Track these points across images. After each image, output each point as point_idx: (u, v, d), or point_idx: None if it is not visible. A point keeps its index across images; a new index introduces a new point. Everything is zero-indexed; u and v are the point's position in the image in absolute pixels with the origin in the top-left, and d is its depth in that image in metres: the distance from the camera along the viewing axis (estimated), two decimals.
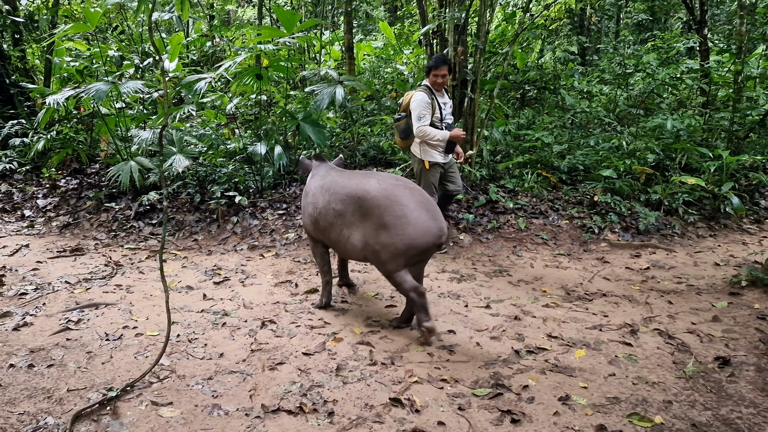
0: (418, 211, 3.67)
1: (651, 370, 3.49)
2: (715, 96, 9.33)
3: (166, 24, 12.28)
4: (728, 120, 8.09)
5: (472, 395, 3.15)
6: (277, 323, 4.08)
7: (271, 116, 7.70)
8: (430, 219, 3.68)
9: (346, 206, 3.85)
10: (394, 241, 3.65)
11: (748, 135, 8.33)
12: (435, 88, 5.27)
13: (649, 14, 15.99)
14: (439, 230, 3.69)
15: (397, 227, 3.64)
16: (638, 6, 15.15)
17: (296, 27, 6.70)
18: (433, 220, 3.69)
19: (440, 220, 3.73)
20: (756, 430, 2.87)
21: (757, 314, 4.31)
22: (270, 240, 6.00)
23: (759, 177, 7.25)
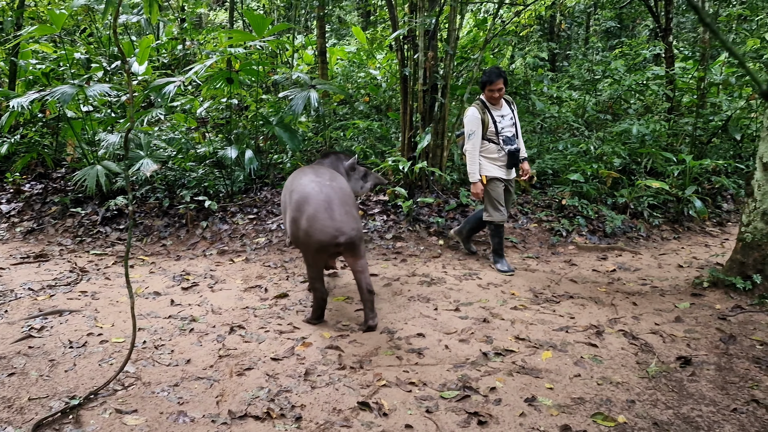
0: (320, 210, 3.84)
1: (615, 370, 3.55)
2: (679, 102, 9.55)
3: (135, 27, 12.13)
4: (692, 125, 8.29)
5: (440, 398, 3.17)
6: (246, 328, 4.06)
7: (243, 120, 7.66)
8: (328, 218, 3.82)
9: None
10: (299, 236, 3.91)
11: (711, 140, 8.54)
12: (491, 102, 5.21)
13: (617, 22, 16.31)
14: (336, 230, 3.81)
15: (300, 222, 3.90)
16: (606, 14, 15.44)
17: (267, 31, 6.69)
18: (331, 220, 3.82)
19: (339, 221, 3.84)
20: (715, 427, 2.95)
21: (718, 315, 4.42)
22: (240, 245, 5.96)
23: (721, 181, 7.44)
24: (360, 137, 8.76)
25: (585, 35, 17.49)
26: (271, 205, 6.65)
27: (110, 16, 7.09)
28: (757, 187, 4.73)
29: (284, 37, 12.28)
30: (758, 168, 4.74)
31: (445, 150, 6.94)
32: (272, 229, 6.19)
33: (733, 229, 7.12)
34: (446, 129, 6.88)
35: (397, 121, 8.81)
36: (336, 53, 12.41)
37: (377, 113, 10.39)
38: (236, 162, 6.80)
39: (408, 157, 6.91)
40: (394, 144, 8.32)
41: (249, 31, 7.52)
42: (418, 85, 6.71)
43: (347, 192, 4.08)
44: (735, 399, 3.22)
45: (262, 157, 7.47)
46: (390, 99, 10.24)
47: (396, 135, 8.65)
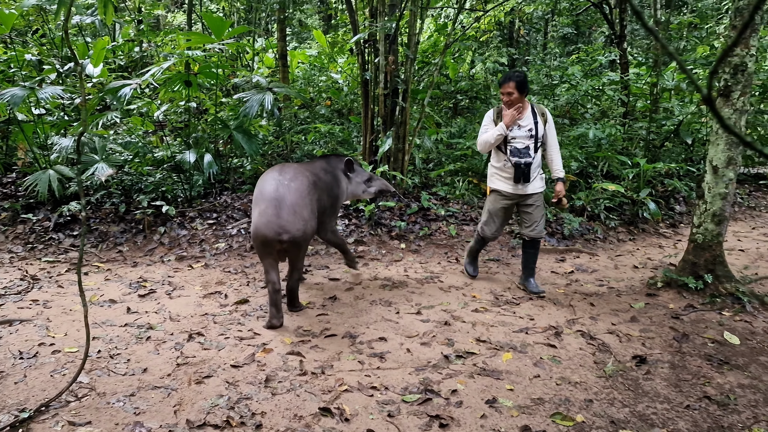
0: (269, 205, 4.02)
1: (573, 370, 3.61)
2: (634, 106, 9.81)
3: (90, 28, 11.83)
4: (646, 129, 8.52)
5: (401, 402, 3.17)
6: (205, 335, 3.99)
7: (202, 124, 7.55)
8: (273, 214, 3.99)
9: None
10: (251, 228, 4.16)
11: (664, 144, 8.80)
12: (507, 107, 4.74)
13: (574, 28, 16.68)
14: (280, 228, 3.97)
15: (252, 216, 4.15)
16: (563, 20, 15.75)
17: (226, 33, 6.61)
18: (277, 218, 3.98)
19: (284, 218, 3.98)
20: (670, 424, 3.02)
21: (672, 314, 4.54)
22: (199, 250, 5.86)
23: (674, 183, 7.66)
24: (321, 141, 8.73)
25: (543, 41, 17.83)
26: (231, 210, 6.56)
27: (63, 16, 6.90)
28: (707, 189, 4.89)
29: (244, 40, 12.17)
30: (708, 171, 4.90)
31: (406, 154, 6.97)
32: (232, 234, 6.10)
33: (685, 231, 7.35)
34: (407, 133, 6.91)
35: (358, 125, 8.82)
36: (297, 57, 12.35)
37: (339, 117, 10.38)
38: (195, 166, 6.69)
39: (369, 161, 6.92)
40: (356, 148, 8.32)
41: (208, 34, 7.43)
42: (379, 89, 6.72)
43: (303, 193, 4.16)
44: (688, 396, 3.31)
45: (221, 162, 7.37)
46: (352, 103, 10.24)
47: (358, 139, 8.65)
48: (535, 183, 4.83)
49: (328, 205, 4.60)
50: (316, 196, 4.34)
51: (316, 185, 4.40)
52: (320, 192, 4.45)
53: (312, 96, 10.65)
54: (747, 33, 4.63)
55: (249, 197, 6.88)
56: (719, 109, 4.80)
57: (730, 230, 7.47)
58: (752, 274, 5.62)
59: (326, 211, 4.61)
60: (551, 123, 4.83)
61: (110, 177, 6.34)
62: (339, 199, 4.84)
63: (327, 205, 4.59)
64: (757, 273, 5.67)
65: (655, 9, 10.12)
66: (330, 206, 4.66)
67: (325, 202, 4.53)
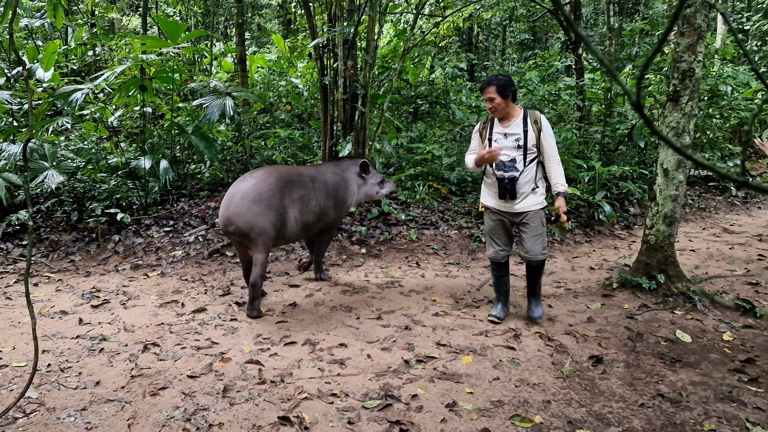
0: (225, 200, 4.39)
1: (532, 372, 3.65)
2: (589, 111, 10.03)
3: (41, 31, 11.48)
4: (600, 133, 8.72)
5: (362, 408, 3.15)
6: (161, 346, 3.90)
7: (158, 129, 7.40)
8: (225, 208, 4.35)
9: None
10: None
11: (618, 147, 9.01)
12: (492, 113, 4.27)
13: (531, 34, 16.98)
14: (226, 219, 4.32)
15: None
16: (521, 26, 16.03)
17: (182, 37, 6.50)
18: (226, 210, 4.33)
19: (233, 212, 4.28)
20: (625, 423, 3.08)
21: (627, 314, 4.65)
22: (155, 258, 5.73)
23: (627, 186, 7.85)
24: (281, 146, 8.66)
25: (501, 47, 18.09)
26: (188, 217, 6.43)
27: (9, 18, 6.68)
28: (658, 191, 5.02)
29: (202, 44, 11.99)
30: (659, 174, 5.03)
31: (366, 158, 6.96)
32: (190, 241, 5.99)
33: (639, 232, 7.53)
34: (367, 138, 6.91)
35: (319, 130, 8.77)
36: (256, 61, 12.24)
37: (299, 122, 10.32)
38: (151, 173, 6.55)
39: None
40: (316, 153, 8.28)
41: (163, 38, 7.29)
42: (338, 94, 6.71)
43: (260, 191, 4.35)
44: (642, 394, 3.38)
45: (179, 168, 7.23)
46: (312, 108, 10.19)
47: (318, 144, 8.61)
48: (527, 200, 4.25)
49: (330, 205, 4.88)
50: (296, 195, 4.55)
51: (296, 185, 4.58)
52: (311, 192, 4.69)
53: (272, 101, 10.56)
54: (694, 40, 4.78)
55: (207, 204, 6.77)
56: (669, 112, 4.94)
57: (681, 231, 7.69)
58: (703, 273, 5.80)
59: (328, 212, 4.88)
60: (547, 131, 4.17)
61: (61, 184, 6.15)
62: (346, 200, 5.11)
63: (329, 205, 4.86)
64: (707, 272, 5.85)
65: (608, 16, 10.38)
66: (334, 207, 4.94)
67: (324, 203, 4.79)
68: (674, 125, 4.88)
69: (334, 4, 6.50)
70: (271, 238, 4.39)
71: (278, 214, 4.41)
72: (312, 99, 10.13)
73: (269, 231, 4.35)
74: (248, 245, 4.44)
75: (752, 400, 3.31)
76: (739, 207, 9.51)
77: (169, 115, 7.27)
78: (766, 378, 3.59)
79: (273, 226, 4.37)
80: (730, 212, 9.19)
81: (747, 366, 3.76)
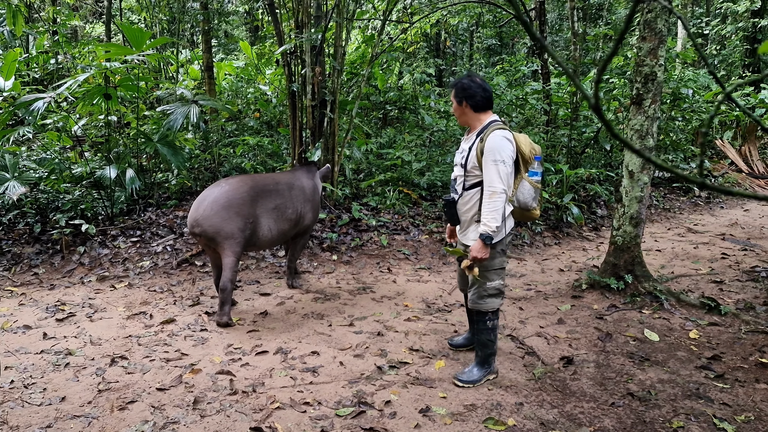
0: (196, 202, 4.45)
1: (504, 374, 3.67)
2: (556, 115, 10.18)
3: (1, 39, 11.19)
4: (567, 137, 8.85)
5: (335, 416, 3.13)
6: (129, 359, 3.81)
7: (123, 138, 7.26)
8: (193, 210, 4.41)
9: None
10: None
11: (585, 150, 9.17)
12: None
13: (497, 40, 17.18)
14: (193, 221, 4.38)
15: None
16: (487, 32, 16.21)
17: (147, 44, 6.40)
18: (194, 212, 4.39)
19: (199, 215, 4.34)
20: (596, 422, 3.12)
21: (596, 314, 4.71)
22: (122, 269, 5.61)
23: (594, 188, 7.98)
24: (250, 154, 8.58)
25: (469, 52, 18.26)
26: (156, 227, 6.33)
27: None
28: (624, 193, 5.11)
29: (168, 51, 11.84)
30: (625, 176, 5.13)
31: (336, 165, 6.95)
32: (158, 251, 5.88)
33: (607, 233, 7.66)
34: (336, 144, 6.89)
35: (288, 136, 8.72)
36: (224, 68, 12.13)
37: (268, 129, 10.24)
38: (117, 182, 6.43)
39: None
40: (286, 160, 8.22)
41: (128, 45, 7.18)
42: (306, 101, 6.68)
43: (231, 197, 4.41)
44: (612, 394, 3.43)
45: (145, 177, 7.11)
46: (281, 114, 10.12)
47: (288, 151, 8.56)
48: (469, 232, 3.47)
49: (307, 209, 5.04)
50: (271, 205, 4.64)
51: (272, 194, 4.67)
52: (288, 201, 4.81)
53: (240, 108, 10.46)
54: (655, 44, 4.89)
55: (175, 213, 6.67)
56: (633, 115, 5.04)
57: (647, 231, 7.84)
58: (669, 273, 5.91)
59: (306, 215, 5.03)
60: (490, 154, 3.22)
61: (23, 195, 5.99)
62: (319, 205, 5.35)
63: (306, 209, 5.01)
64: (673, 272, 5.97)
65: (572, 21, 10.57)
66: (311, 210, 5.11)
67: (301, 209, 4.94)
68: (638, 128, 4.98)
69: (301, 11, 6.48)
70: (238, 244, 4.37)
71: (248, 222, 4.42)
72: (281, 106, 10.07)
73: (236, 236, 4.37)
74: (216, 249, 4.47)
75: (719, 396, 3.38)
76: (703, 207, 9.75)
77: (134, 124, 7.14)
78: (731, 374, 3.68)
79: (241, 232, 4.39)
80: (693, 212, 9.40)
81: (713, 363, 3.84)
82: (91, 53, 9.74)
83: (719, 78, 0.74)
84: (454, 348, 4.05)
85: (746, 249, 6.98)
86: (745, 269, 6.06)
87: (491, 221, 3.20)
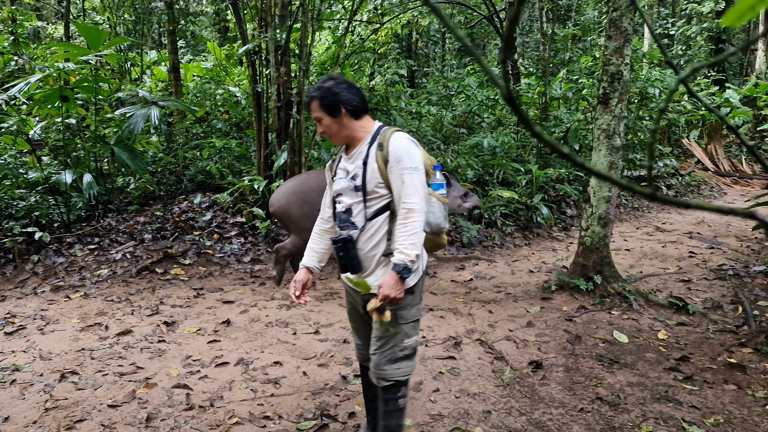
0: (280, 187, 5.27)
1: (472, 381, 3.58)
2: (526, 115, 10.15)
3: None
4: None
5: (296, 430, 3.00)
6: (80, 374, 3.63)
7: (81, 141, 7.02)
8: (274, 194, 5.19)
9: None
10: None
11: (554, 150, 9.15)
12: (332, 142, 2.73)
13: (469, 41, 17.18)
14: (271, 202, 5.17)
15: None
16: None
17: (104, 44, 6.19)
18: (273, 195, 5.18)
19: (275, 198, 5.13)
20: (564, 429, 3.04)
21: (565, 316, 4.65)
22: (78, 278, 5.39)
23: (564, 188, 7.97)
24: (216, 156, 8.39)
25: (441, 53, 18.24)
26: (115, 233, 6.11)
27: None
28: (592, 193, 5.07)
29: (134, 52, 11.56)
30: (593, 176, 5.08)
31: (303, 167, 6.80)
32: (116, 259, 5.67)
33: (576, 233, 7.64)
34: (303, 146, 6.75)
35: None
36: (192, 69, 11.89)
37: (237, 131, 10.04)
38: (74, 187, 6.19)
39: (265, 175, 6.69)
40: (253, 162, 8.05)
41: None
42: (271, 102, 6.53)
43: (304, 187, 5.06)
44: (581, 399, 3.35)
45: (106, 181, 6.88)
46: (250, 116, 9.93)
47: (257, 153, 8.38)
48: (376, 275, 2.52)
49: None
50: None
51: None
52: None
53: (208, 110, 10.23)
54: (621, 42, 4.86)
55: (136, 218, 6.46)
56: (600, 115, 5.00)
57: (616, 231, 7.85)
58: (637, 272, 5.90)
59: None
60: (396, 155, 2.40)
61: None
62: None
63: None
64: (641, 271, 5.95)
65: (542, 22, 10.58)
66: None
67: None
68: (605, 127, 4.94)
69: (266, 10, 6.33)
70: (305, 229, 4.66)
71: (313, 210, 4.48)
72: (250, 107, 9.88)
73: (302, 222, 4.93)
74: (283, 224, 5.22)
75: (687, 399, 3.33)
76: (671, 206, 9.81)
77: (93, 127, 6.90)
78: (700, 375, 3.64)
79: (307, 219, 4.83)
80: (662, 211, 9.47)
81: (682, 364, 3.80)
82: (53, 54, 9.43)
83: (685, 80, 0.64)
84: None
85: (713, 247, 7.03)
86: (712, 267, 6.08)
87: (410, 248, 2.33)
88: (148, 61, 11.83)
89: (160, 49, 13.42)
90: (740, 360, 3.82)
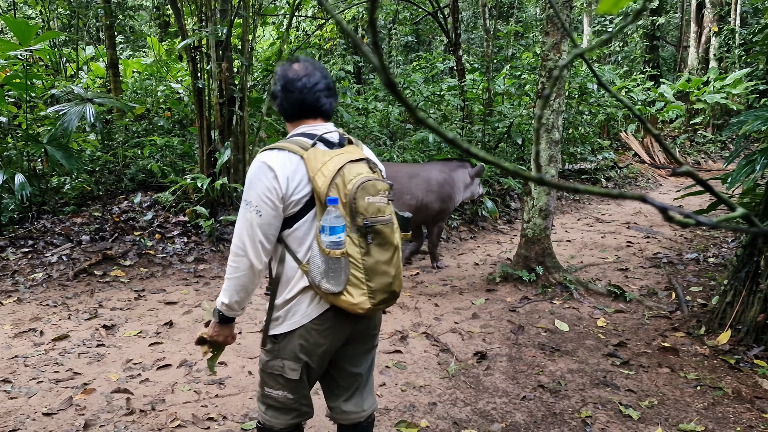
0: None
1: (418, 374, 3.62)
2: (471, 110, 10.31)
3: None
4: (481, 132, 8.97)
5: (240, 431, 2.96)
6: (13, 382, 3.48)
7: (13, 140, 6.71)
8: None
9: None
10: None
11: (498, 144, 9.32)
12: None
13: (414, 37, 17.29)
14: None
15: None
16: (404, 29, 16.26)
17: (34, 39, 5.94)
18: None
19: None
20: (508, 417, 3.10)
21: (509, 307, 4.75)
22: (11, 283, 5.16)
23: (508, 182, 8.13)
24: (158, 155, 8.17)
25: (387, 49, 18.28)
26: (50, 235, 5.88)
27: None
28: (533, 186, 5.19)
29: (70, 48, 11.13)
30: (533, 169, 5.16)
31: (247, 164, 6.70)
32: (52, 262, 5.46)
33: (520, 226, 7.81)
34: (247, 143, 6.65)
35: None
36: (132, 65, 11.54)
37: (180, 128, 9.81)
38: (5, 188, 5.93)
39: (208, 173, 6.56)
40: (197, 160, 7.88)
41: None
42: (214, 98, 6.40)
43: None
44: (524, 387, 3.44)
45: (40, 182, 6.61)
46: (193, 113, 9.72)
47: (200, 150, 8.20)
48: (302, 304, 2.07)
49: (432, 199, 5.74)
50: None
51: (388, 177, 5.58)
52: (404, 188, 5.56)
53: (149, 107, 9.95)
54: (558, 39, 4.98)
55: (72, 219, 6.23)
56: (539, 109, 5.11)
57: (558, 222, 8.06)
58: (578, 262, 6.08)
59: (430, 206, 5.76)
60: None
61: None
62: (453, 196, 5.91)
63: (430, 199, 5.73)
64: (582, 261, 6.13)
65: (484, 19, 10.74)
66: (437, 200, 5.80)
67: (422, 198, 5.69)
68: (544, 121, 5.05)
69: (205, 5, 6.20)
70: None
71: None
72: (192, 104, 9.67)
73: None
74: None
75: (624, 383, 3.46)
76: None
77: (24, 125, 6.62)
78: (636, 360, 3.78)
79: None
80: (601, 203, 9.77)
81: (619, 350, 3.94)
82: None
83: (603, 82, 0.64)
84: None
85: (649, 236, 7.30)
86: (648, 256, 6.32)
87: (222, 294, 2.01)
88: (85, 57, 11.41)
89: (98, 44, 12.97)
90: (673, 344, 3.99)
